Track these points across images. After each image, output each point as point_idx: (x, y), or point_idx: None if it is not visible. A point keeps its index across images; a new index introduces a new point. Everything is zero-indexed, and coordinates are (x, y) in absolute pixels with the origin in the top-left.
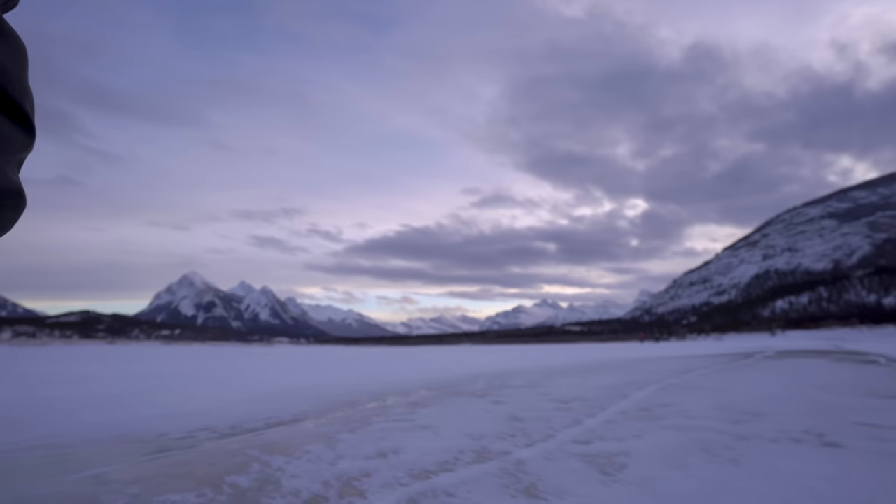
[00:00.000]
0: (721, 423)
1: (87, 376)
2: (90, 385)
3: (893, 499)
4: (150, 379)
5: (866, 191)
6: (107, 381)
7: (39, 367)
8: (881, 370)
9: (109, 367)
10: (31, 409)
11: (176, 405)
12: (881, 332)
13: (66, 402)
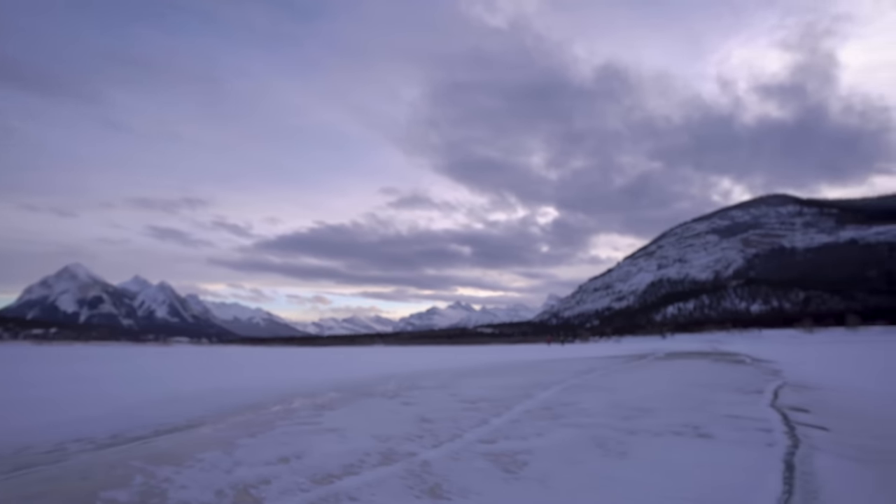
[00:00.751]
0: (614, 420)
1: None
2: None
3: (749, 478)
4: (8, 386)
5: (741, 211)
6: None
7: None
8: (746, 368)
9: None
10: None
11: (43, 415)
12: (749, 335)
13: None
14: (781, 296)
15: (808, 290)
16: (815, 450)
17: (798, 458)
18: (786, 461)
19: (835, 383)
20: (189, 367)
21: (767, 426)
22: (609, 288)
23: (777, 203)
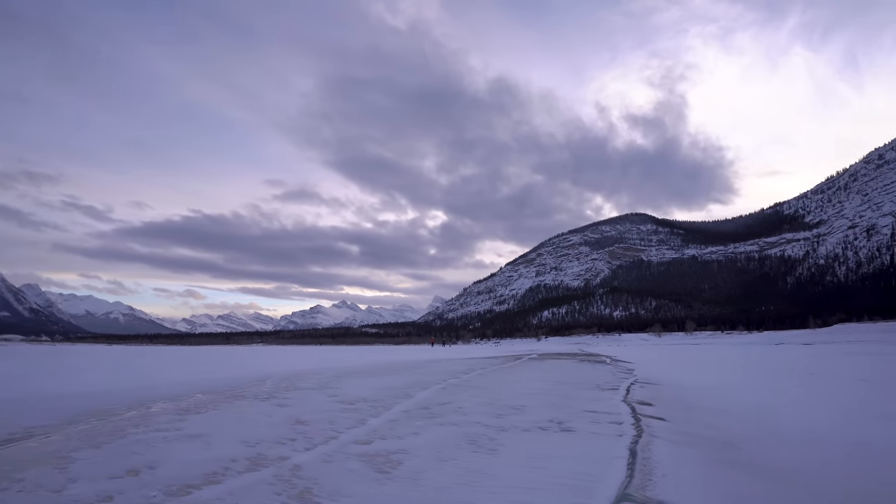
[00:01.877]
0: (488, 418)
1: None
2: None
3: (600, 466)
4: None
5: (610, 226)
6: None
7: None
8: (606, 368)
9: None
10: None
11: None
12: (611, 338)
13: None
14: (638, 303)
15: (658, 299)
16: (654, 438)
17: (640, 446)
18: (630, 449)
19: (674, 380)
20: (15, 369)
21: (619, 419)
22: (492, 292)
23: (638, 221)
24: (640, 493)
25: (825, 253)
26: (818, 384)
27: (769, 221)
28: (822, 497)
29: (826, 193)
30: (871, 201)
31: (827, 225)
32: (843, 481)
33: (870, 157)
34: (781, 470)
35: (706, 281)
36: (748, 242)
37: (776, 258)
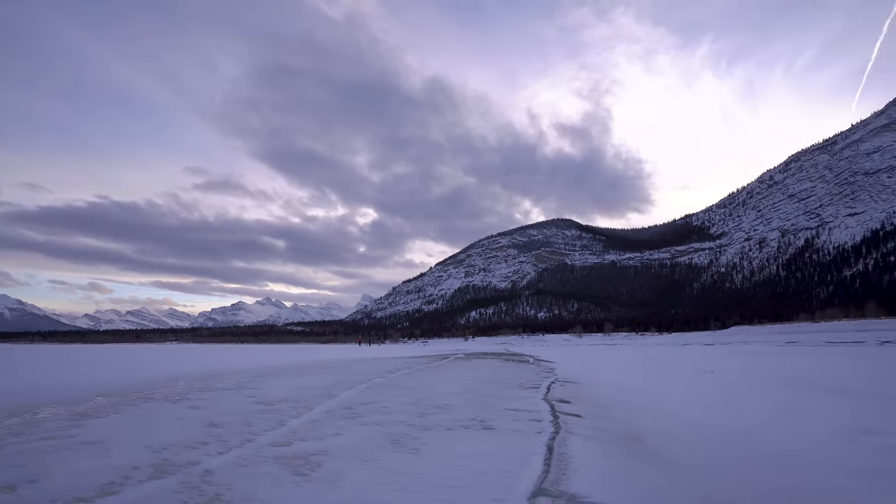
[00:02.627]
0: (412, 417)
1: None
2: None
3: (519, 462)
4: None
5: (537, 230)
6: None
7: None
8: (530, 367)
9: None
10: None
11: None
12: (535, 339)
13: None
14: (562, 305)
15: (580, 301)
16: (570, 434)
17: (557, 442)
18: (548, 445)
19: (591, 378)
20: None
21: (539, 416)
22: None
23: (564, 226)
24: (554, 488)
25: (725, 262)
26: (714, 381)
27: (680, 231)
28: (716, 485)
29: (728, 208)
30: (763, 217)
31: (728, 237)
32: (731, 468)
33: (763, 177)
34: (680, 460)
35: (624, 285)
36: (661, 250)
37: (685, 265)
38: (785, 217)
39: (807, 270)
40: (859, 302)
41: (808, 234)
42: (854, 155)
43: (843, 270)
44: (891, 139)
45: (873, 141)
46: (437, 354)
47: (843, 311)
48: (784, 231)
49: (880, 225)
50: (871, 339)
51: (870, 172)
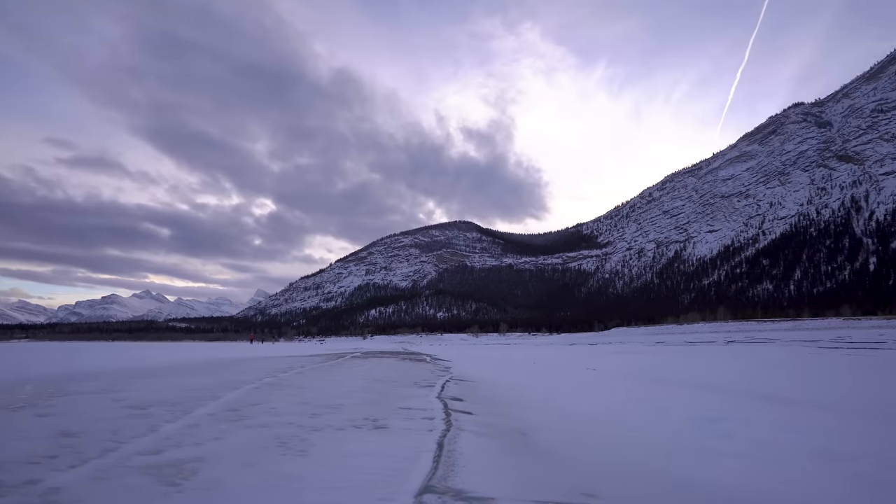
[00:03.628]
0: (302, 418)
1: None
2: None
3: (409, 461)
4: None
5: (439, 231)
6: None
7: None
8: (426, 366)
9: None
10: None
11: None
12: (433, 338)
13: None
14: (460, 305)
15: (478, 302)
16: (461, 431)
17: (447, 439)
18: (438, 442)
19: (485, 376)
20: None
21: (432, 415)
22: (319, 288)
23: (466, 229)
24: (441, 484)
25: (610, 269)
26: (595, 377)
27: (572, 239)
28: (589, 471)
29: (614, 220)
30: (642, 229)
31: (613, 246)
32: (604, 455)
33: (643, 193)
34: (560, 451)
35: (519, 287)
36: (555, 256)
37: (575, 271)
38: (660, 230)
39: (675, 279)
40: (713, 307)
41: (677, 247)
42: (714, 180)
43: (703, 279)
44: (741, 169)
45: (728, 169)
46: (333, 353)
47: (701, 314)
48: (659, 243)
49: (731, 241)
50: (720, 338)
51: (725, 196)
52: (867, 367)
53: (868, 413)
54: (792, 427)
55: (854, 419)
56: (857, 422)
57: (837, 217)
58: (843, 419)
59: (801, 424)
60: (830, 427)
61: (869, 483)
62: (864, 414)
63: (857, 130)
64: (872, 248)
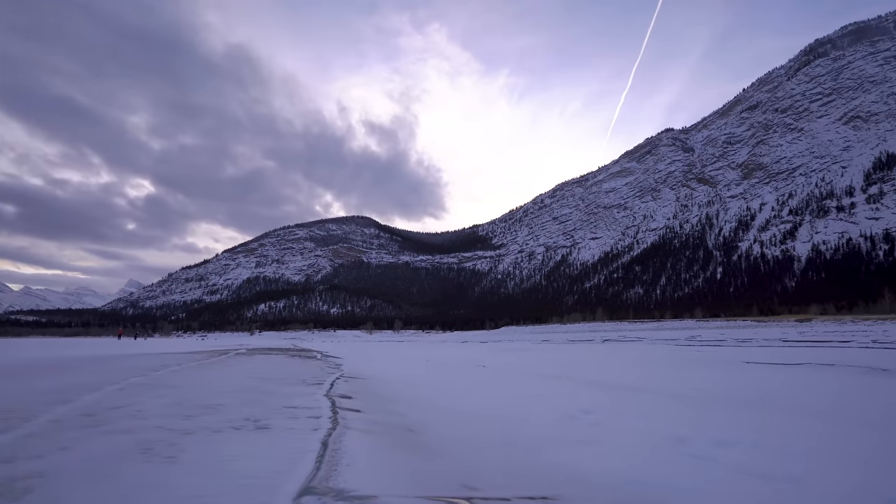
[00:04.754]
0: (173, 420)
1: None
2: None
3: (290, 462)
4: None
5: (336, 225)
6: None
7: None
8: (316, 363)
9: None
10: None
11: None
12: (326, 334)
13: None
14: (355, 302)
15: (374, 299)
16: (347, 429)
17: (333, 438)
18: (323, 442)
19: (377, 373)
20: None
21: (318, 413)
22: (203, 280)
23: (364, 224)
24: (323, 485)
25: (502, 270)
26: (484, 374)
27: (468, 239)
28: (472, 465)
29: (508, 223)
30: (534, 233)
31: (506, 248)
32: (488, 449)
33: (536, 199)
34: (446, 447)
35: (415, 285)
36: (451, 255)
37: (470, 270)
38: (549, 235)
39: (561, 281)
40: (593, 308)
41: (564, 251)
42: (598, 191)
43: (585, 283)
44: (621, 183)
45: (610, 183)
46: (215, 349)
47: (582, 315)
48: (548, 247)
49: (610, 249)
50: (597, 337)
51: (607, 207)
52: (710, 362)
53: (709, 401)
54: (650, 415)
55: (699, 407)
56: (700, 409)
57: (695, 231)
58: (692, 407)
59: (657, 413)
60: (681, 414)
61: (702, 459)
62: (706, 402)
63: (712, 157)
64: (720, 260)
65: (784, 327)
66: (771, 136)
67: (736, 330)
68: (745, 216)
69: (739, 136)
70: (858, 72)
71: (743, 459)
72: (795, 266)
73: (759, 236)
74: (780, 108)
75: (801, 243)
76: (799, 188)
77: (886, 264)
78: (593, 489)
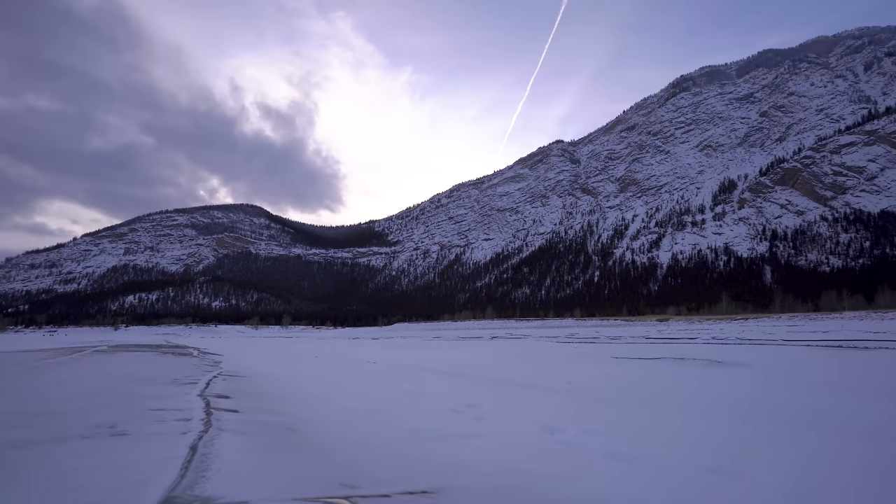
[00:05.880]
0: (4, 432)
1: None
2: None
3: (153, 471)
4: None
5: (222, 213)
6: None
7: None
8: (192, 360)
9: None
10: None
11: None
12: (206, 329)
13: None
14: (241, 295)
15: (261, 293)
16: (221, 431)
17: (203, 441)
18: (192, 446)
19: (260, 371)
20: None
21: (189, 415)
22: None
23: (253, 213)
24: (187, 493)
25: (397, 267)
26: (375, 371)
27: (364, 234)
28: (356, 462)
29: (405, 220)
30: (430, 232)
31: (401, 245)
32: (371, 445)
33: (433, 198)
34: (329, 445)
35: (307, 279)
36: (345, 250)
37: (364, 266)
38: (444, 235)
39: (454, 280)
40: (483, 306)
41: (458, 251)
42: (493, 194)
43: (477, 282)
44: (514, 188)
45: (504, 187)
46: (68, 347)
47: (472, 313)
48: (442, 246)
49: (501, 250)
50: (486, 334)
51: (500, 210)
52: (585, 357)
53: (582, 394)
54: (530, 407)
55: (573, 399)
56: (574, 401)
57: (578, 237)
58: (567, 399)
59: (536, 405)
60: (557, 406)
61: (573, 447)
62: (579, 394)
63: (595, 170)
64: (598, 264)
65: (647, 326)
66: (644, 155)
67: (608, 328)
68: (620, 226)
69: (619, 153)
70: (710, 108)
71: (609, 445)
72: (658, 272)
73: (630, 244)
74: (652, 132)
75: (663, 252)
76: (664, 203)
77: (725, 273)
78: (473, 480)
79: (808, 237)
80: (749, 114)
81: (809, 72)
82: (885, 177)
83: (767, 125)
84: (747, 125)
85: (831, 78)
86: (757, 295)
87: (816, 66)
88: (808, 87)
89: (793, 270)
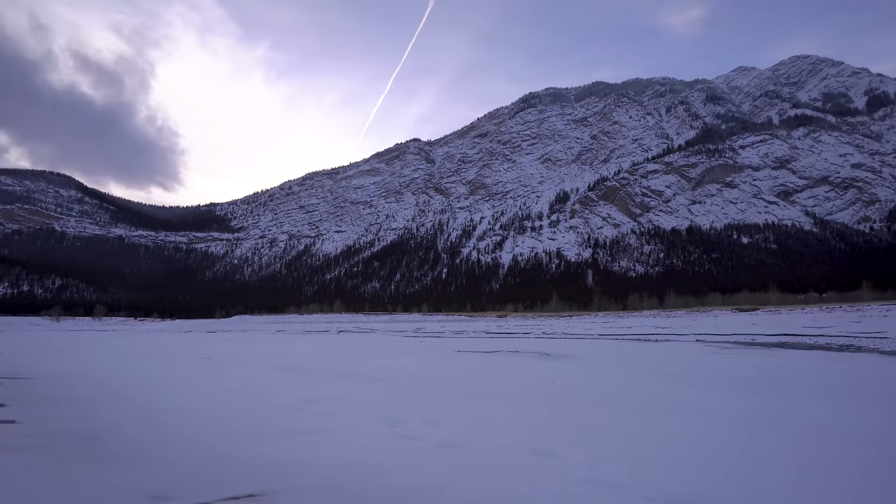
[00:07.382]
0: None
1: None
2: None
3: None
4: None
5: (15, 179)
6: None
7: None
8: None
9: None
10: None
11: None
12: None
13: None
14: (37, 280)
15: (66, 278)
16: None
17: None
18: None
19: (55, 372)
20: None
21: None
22: None
23: (60, 183)
24: None
25: (240, 255)
26: (208, 366)
27: (203, 218)
28: (171, 471)
29: (251, 205)
30: (278, 220)
31: (246, 232)
32: (195, 451)
33: (284, 185)
34: (141, 454)
35: (130, 265)
36: (180, 233)
37: (202, 252)
38: (294, 224)
39: (302, 271)
40: (332, 299)
41: (308, 241)
42: (348, 186)
43: (326, 274)
44: (370, 181)
45: (360, 179)
46: None
47: (320, 306)
48: (292, 235)
49: (353, 243)
50: (333, 328)
51: (354, 202)
52: (430, 351)
53: (424, 386)
54: (372, 401)
55: (414, 391)
56: (415, 393)
57: (429, 235)
58: (409, 392)
59: (378, 399)
60: (398, 399)
61: (411, 438)
62: (421, 387)
63: (448, 172)
64: (446, 262)
65: (489, 322)
66: (494, 161)
67: (453, 323)
68: (468, 226)
69: (471, 157)
70: (552, 126)
71: (445, 435)
72: (500, 272)
73: (477, 244)
74: (502, 141)
75: (505, 253)
76: (509, 208)
77: (556, 275)
78: (307, 479)
79: (621, 247)
80: (583, 135)
81: (629, 106)
82: (676, 201)
83: (596, 147)
84: (581, 144)
85: (643, 114)
86: (581, 295)
87: (633, 103)
88: (627, 118)
89: (609, 275)
